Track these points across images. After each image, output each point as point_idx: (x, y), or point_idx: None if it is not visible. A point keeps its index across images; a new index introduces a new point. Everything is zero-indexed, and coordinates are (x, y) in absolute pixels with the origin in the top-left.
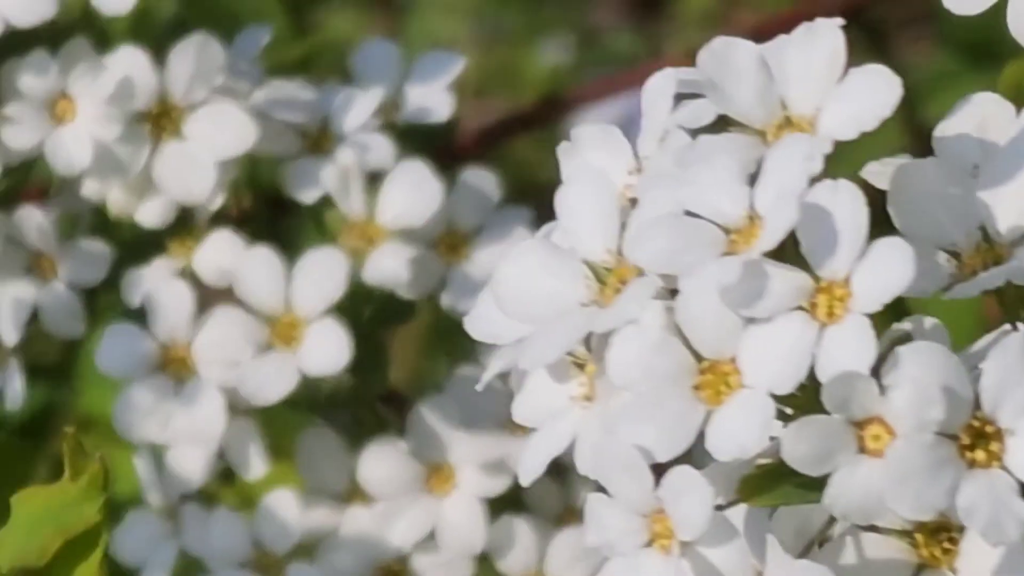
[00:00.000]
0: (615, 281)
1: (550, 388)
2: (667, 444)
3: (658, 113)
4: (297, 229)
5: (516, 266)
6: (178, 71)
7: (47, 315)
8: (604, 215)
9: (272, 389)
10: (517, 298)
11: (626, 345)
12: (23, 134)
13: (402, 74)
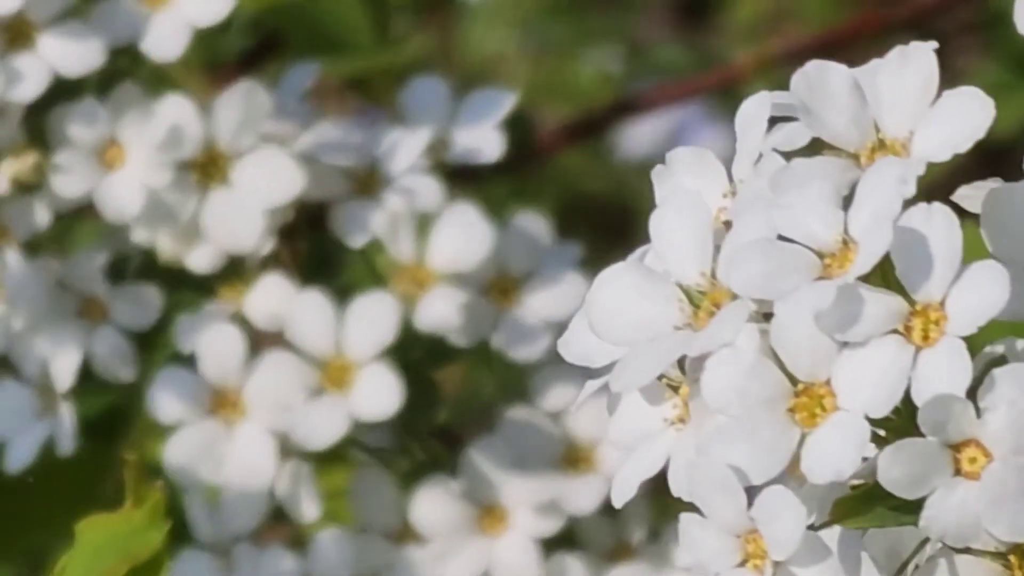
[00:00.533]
0: (709, 304)
1: (643, 410)
2: (762, 466)
3: (752, 136)
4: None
5: (610, 289)
6: (225, 119)
7: (98, 360)
8: (698, 238)
9: (324, 434)
10: (611, 321)
11: (721, 368)
12: (73, 182)
13: (451, 112)
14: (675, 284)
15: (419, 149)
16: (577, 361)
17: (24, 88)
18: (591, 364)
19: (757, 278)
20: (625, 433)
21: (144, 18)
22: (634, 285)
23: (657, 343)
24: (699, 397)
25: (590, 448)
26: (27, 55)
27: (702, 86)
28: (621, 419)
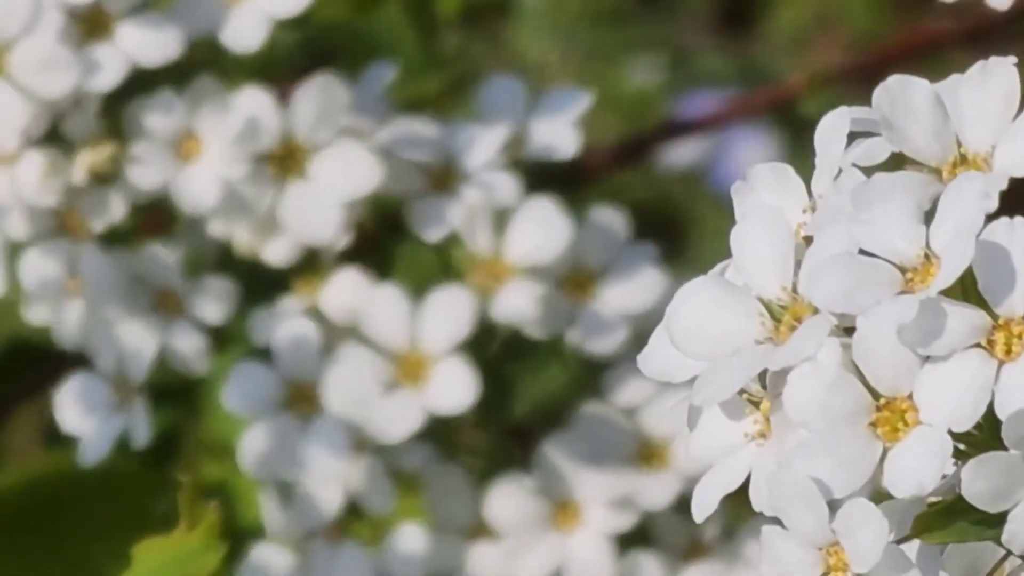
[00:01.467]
0: (790, 319)
1: (724, 425)
2: (844, 480)
3: (832, 151)
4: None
5: (691, 303)
6: (303, 112)
7: (173, 353)
8: (779, 253)
9: (399, 427)
10: (692, 335)
11: (803, 382)
12: (150, 173)
13: (527, 110)
14: (756, 298)
15: (496, 145)
16: (657, 376)
17: (102, 78)
18: (671, 379)
19: (839, 292)
20: (705, 448)
21: (223, 9)
22: (715, 299)
23: (738, 357)
24: (780, 412)
25: (664, 444)
26: (105, 45)
27: (755, 103)
28: (701, 434)
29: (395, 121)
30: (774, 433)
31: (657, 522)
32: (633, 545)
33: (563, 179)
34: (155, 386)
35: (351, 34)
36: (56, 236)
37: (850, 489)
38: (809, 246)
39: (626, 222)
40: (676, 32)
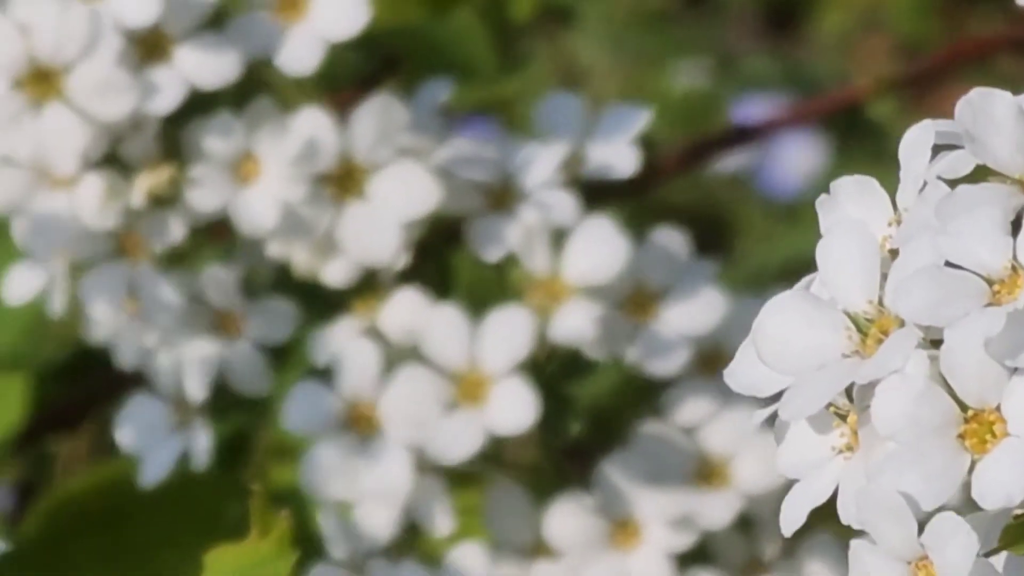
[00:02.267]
0: (877, 332)
1: (811, 439)
2: (933, 492)
3: (917, 164)
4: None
5: (777, 318)
6: (361, 132)
7: (232, 373)
8: (865, 267)
9: (459, 448)
10: (779, 350)
11: (890, 395)
12: (209, 195)
13: (585, 128)
14: (843, 312)
15: (554, 164)
16: (744, 391)
17: (160, 101)
18: (758, 393)
19: (926, 305)
20: (793, 461)
21: (279, 32)
22: (801, 313)
23: (825, 371)
24: (868, 425)
25: (723, 463)
26: (163, 68)
27: (818, 108)
28: (789, 448)
29: (453, 140)
30: (861, 446)
31: (716, 540)
32: (693, 563)
33: (621, 190)
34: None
35: (421, 37)
36: (115, 258)
37: (939, 501)
38: (895, 259)
39: (686, 241)
40: (722, 35)
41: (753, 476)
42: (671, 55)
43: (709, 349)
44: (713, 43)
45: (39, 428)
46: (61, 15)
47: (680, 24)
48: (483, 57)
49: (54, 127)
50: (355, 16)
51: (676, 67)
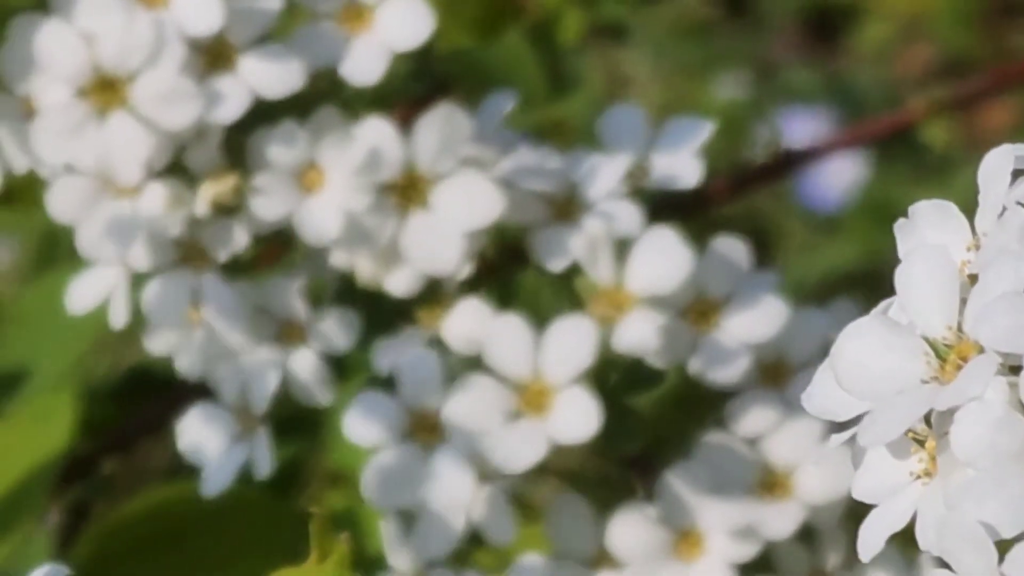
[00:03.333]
0: (955, 358)
1: (890, 464)
2: (1012, 520)
3: (996, 189)
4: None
5: (856, 343)
6: (425, 142)
7: (296, 383)
8: (944, 292)
9: (522, 457)
10: (857, 374)
11: (970, 421)
12: (272, 204)
13: (649, 139)
14: (921, 337)
15: (618, 174)
16: (820, 414)
17: (224, 110)
18: (835, 417)
19: (1006, 332)
20: (871, 487)
21: (344, 41)
22: (880, 338)
23: (904, 397)
24: (947, 451)
25: (786, 473)
26: (227, 77)
27: (874, 132)
28: (867, 472)
29: (517, 150)
30: (940, 472)
31: (779, 550)
32: (755, 573)
33: (679, 205)
34: (278, 416)
35: (471, 61)
36: (179, 266)
37: (1018, 529)
38: (974, 284)
39: (747, 250)
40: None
41: (816, 487)
42: (713, 66)
43: (771, 359)
44: (754, 54)
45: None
46: (126, 24)
47: (721, 35)
48: (534, 79)
49: (118, 136)
50: (419, 26)
51: (718, 78)
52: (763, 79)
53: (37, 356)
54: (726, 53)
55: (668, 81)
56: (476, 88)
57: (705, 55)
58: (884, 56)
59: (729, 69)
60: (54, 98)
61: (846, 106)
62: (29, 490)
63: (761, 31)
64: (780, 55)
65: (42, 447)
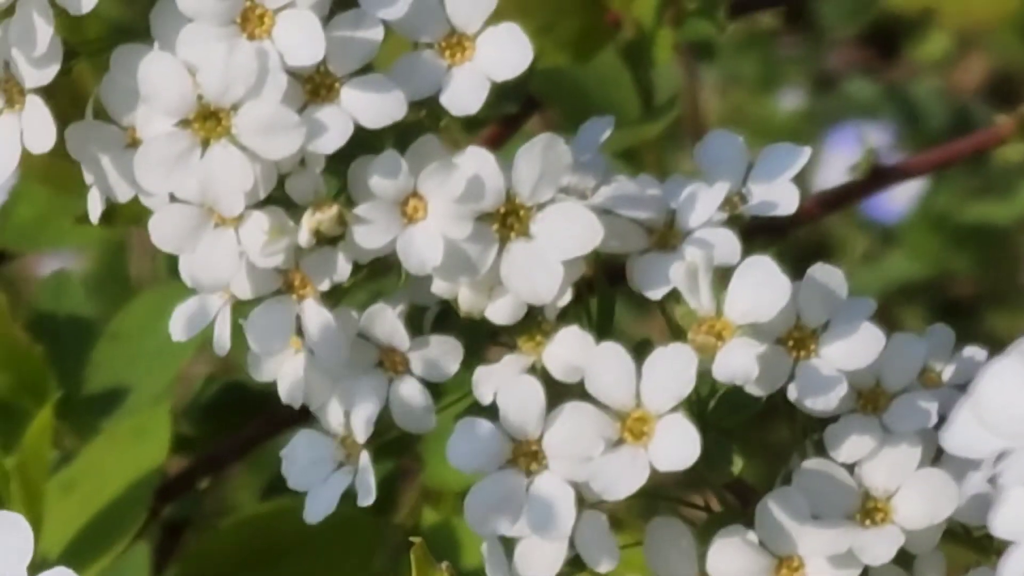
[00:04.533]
0: None
1: None
2: None
3: None
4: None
5: (998, 382)
6: (525, 171)
7: (397, 409)
8: None
9: (624, 484)
10: (999, 413)
11: None
12: (375, 233)
13: (747, 166)
14: None
15: (717, 202)
16: (960, 452)
17: (327, 140)
18: (975, 455)
19: None
20: (1014, 524)
21: (444, 71)
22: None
23: None
24: None
25: (885, 498)
26: (329, 106)
27: (960, 151)
28: (1010, 511)
29: (614, 176)
30: None
31: (878, 575)
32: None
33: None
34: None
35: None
36: (281, 294)
37: None
38: None
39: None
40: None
41: (915, 512)
42: (772, 77)
43: (868, 384)
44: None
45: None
46: (228, 55)
47: (781, 46)
48: (628, 99)
49: (221, 165)
50: (520, 56)
51: (777, 89)
52: (823, 90)
53: (134, 373)
54: (786, 64)
55: (728, 93)
56: (569, 107)
57: (765, 66)
58: (941, 67)
59: (790, 81)
60: (157, 128)
61: (906, 118)
62: (126, 507)
63: (820, 43)
64: (839, 67)
65: (140, 464)
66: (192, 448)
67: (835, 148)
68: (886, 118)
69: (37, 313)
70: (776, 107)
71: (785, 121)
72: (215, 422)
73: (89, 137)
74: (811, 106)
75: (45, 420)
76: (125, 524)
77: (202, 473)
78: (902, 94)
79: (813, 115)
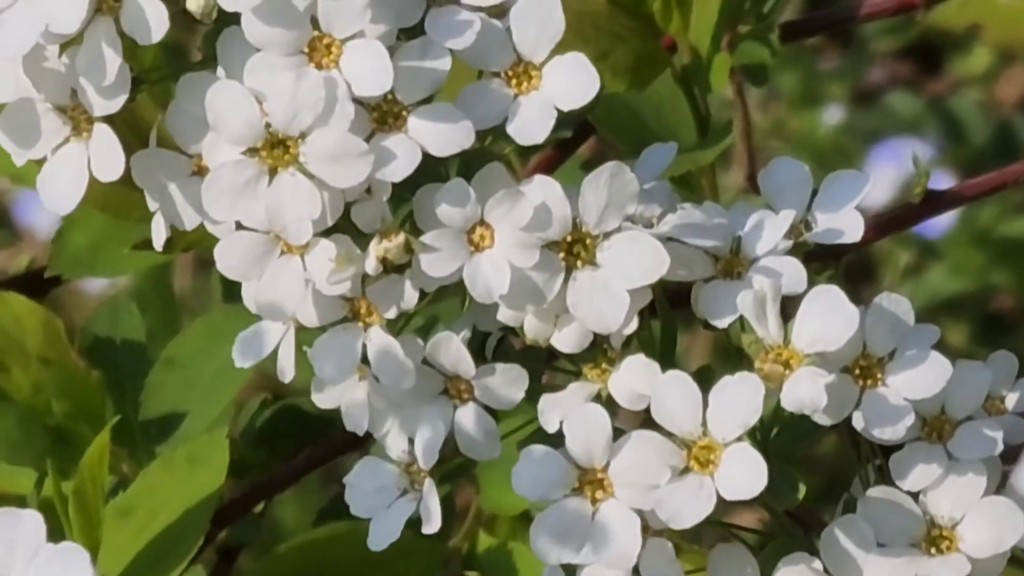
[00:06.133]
0: None
1: None
2: None
3: None
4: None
5: None
6: (591, 200)
7: (462, 437)
8: None
9: (690, 513)
10: None
11: None
12: (442, 261)
13: (811, 193)
14: None
15: (783, 230)
16: None
17: (394, 168)
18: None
19: None
20: None
21: (510, 100)
22: None
23: None
24: None
25: (951, 527)
26: (397, 135)
27: (1015, 174)
28: None
29: (680, 205)
30: None
31: None
32: None
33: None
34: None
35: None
36: (347, 322)
37: None
38: None
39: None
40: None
41: (981, 540)
42: (814, 92)
43: (933, 412)
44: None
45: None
46: (296, 84)
47: (823, 61)
48: (684, 124)
49: (288, 194)
50: (588, 85)
51: (819, 104)
52: (864, 105)
53: (191, 398)
54: (829, 79)
55: (770, 107)
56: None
57: (809, 82)
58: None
59: (831, 96)
60: (224, 156)
61: (948, 132)
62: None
63: (862, 58)
64: (880, 82)
65: (197, 490)
66: (247, 472)
67: (877, 163)
68: (928, 132)
69: (93, 338)
70: (818, 122)
71: (827, 136)
72: (270, 446)
73: (155, 165)
74: (853, 121)
75: (102, 445)
76: (182, 549)
77: (257, 498)
78: (944, 108)
79: (854, 130)
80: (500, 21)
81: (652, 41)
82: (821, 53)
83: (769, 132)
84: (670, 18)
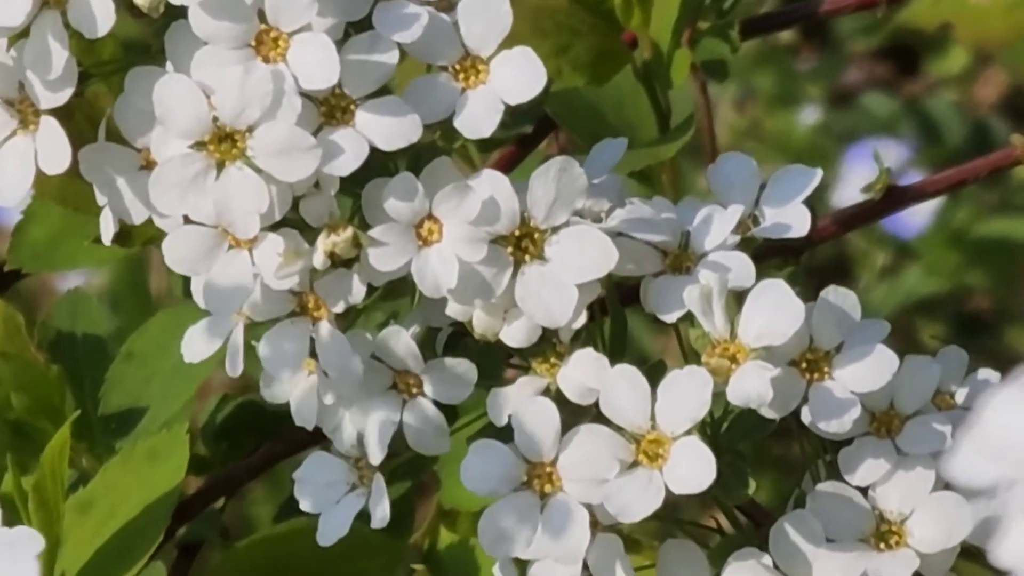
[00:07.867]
0: None
1: None
2: None
3: None
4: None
5: (1000, 411)
6: (540, 194)
7: (411, 432)
8: None
9: (639, 507)
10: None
11: None
12: (390, 256)
13: (759, 188)
14: None
15: (731, 225)
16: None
17: (342, 162)
18: (973, 483)
19: None
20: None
21: (458, 94)
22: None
23: None
24: None
25: (900, 522)
26: (345, 129)
27: (977, 170)
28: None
29: (629, 200)
30: None
31: None
32: None
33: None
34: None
35: (581, 101)
36: (295, 317)
37: None
38: None
39: (857, 300)
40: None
41: (930, 535)
42: (790, 92)
43: (882, 407)
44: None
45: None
46: (244, 77)
47: (799, 61)
48: (645, 120)
49: (236, 188)
50: (534, 80)
51: (795, 104)
52: (840, 106)
53: (151, 393)
54: (805, 80)
55: (746, 108)
56: (585, 128)
57: (784, 82)
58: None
59: (807, 96)
60: (172, 150)
61: (924, 133)
62: (143, 528)
63: (838, 58)
64: (857, 82)
65: (157, 485)
66: (207, 467)
67: (853, 163)
68: (904, 133)
69: (54, 332)
70: (794, 122)
71: (803, 136)
72: (230, 441)
73: (103, 159)
74: (829, 121)
75: (63, 440)
76: (142, 545)
77: (218, 493)
78: (920, 109)
79: (831, 130)
80: (448, 15)
81: (612, 37)
82: (798, 54)
83: (745, 133)
84: (631, 14)
